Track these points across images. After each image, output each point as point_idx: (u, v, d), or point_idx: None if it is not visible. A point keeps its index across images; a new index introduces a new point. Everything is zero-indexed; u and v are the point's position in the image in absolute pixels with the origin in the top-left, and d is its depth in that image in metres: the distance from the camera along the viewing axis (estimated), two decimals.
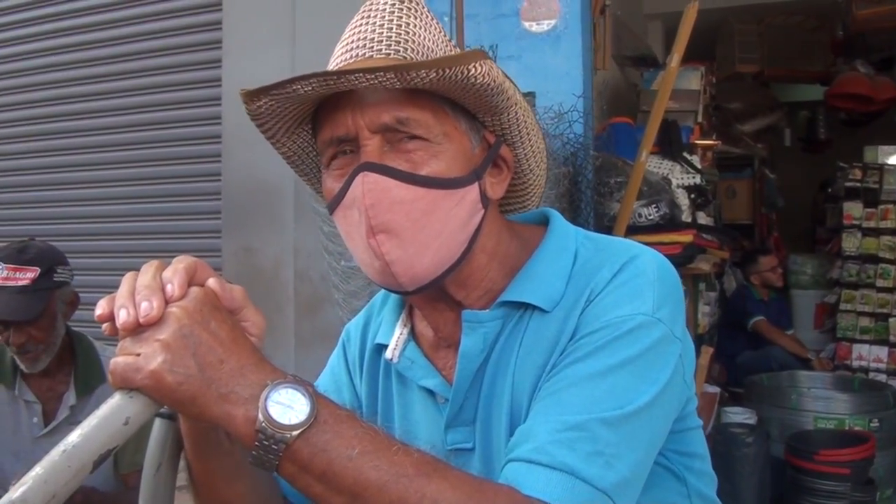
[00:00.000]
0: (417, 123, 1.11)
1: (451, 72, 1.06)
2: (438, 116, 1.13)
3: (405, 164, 1.11)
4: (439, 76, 1.06)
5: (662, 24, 6.85)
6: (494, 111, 1.18)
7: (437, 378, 1.25)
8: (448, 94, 1.13)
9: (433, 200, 1.12)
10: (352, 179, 1.11)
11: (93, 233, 5.14)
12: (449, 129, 1.15)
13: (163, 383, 0.90)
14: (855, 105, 7.81)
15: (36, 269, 2.59)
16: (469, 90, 1.11)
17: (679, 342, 1.14)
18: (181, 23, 4.90)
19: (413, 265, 1.12)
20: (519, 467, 1.02)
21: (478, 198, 1.17)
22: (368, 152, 1.11)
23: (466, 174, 1.15)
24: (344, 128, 1.12)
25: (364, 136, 1.11)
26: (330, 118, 1.14)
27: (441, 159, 1.13)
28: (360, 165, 1.10)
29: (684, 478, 1.22)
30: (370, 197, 1.09)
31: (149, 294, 0.93)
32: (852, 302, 6.70)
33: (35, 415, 2.72)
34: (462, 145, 1.16)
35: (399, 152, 1.12)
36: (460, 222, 1.15)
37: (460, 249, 1.16)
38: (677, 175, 4.20)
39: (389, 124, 1.11)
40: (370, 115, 1.10)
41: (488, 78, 1.10)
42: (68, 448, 0.86)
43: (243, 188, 4.55)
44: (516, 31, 3.72)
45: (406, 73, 1.05)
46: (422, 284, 1.15)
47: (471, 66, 1.07)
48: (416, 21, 1.16)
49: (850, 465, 4.05)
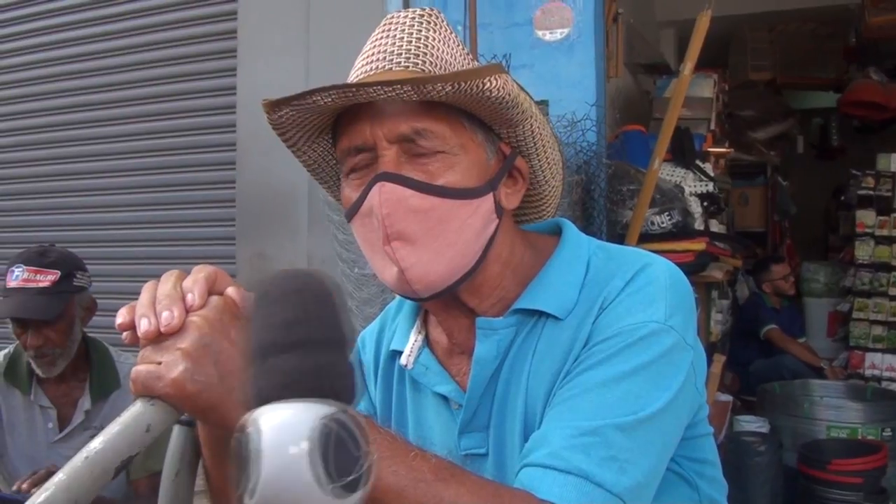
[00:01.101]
0: (434, 135, 1.13)
1: (466, 85, 1.08)
2: (455, 128, 1.15)
3: (422, 175, 1.13)
4: (455, 89, 1.08)
5: (676, 31, 6.84)
6: (509, 124, 1.20)
7: (451, 384, 1.27)
8: (464, 107, 1.15)
9: (448, 210, 1.14)
10: (369, 189, 1.13)
11: (109, 239, 5.17)
12: (465, 140, 1.17)
13: (184, 391, 0.91)
14: (868, 112, 7.78)
15: (56, 273, 2.62)
16: (484, 103, 1.13)
17: (691, 350, 1.16)
18: (197, 32, 4.93)
19: (428, 273, 1.14)
20: (534, 472, 1.03)
21: (492, 208, 1.19)
22: (386, 162, 1.13)
23: (482, 185, 1.17)
24: (362, 138, 1.14)
25: (382, 146, 1.13)
26: (349, 128, 1.16)
27: (457, 170, 1.15)
28: (377, 175, 1.12)
29: (696, 484, 1.23)
30: (387, 206, 1.11)
31: (169, 303, 0.93)
32: (865, 310, 6.66)
33: (50, 420, 2.74)
34: (477, 156, 1.18)
35: (416, 163, 1.14)
36: (475, 232, 1.17)
37: (474, 258, 1.18)
38: (690, 183, 4.20)
39: (407, 135, 1.13)
40: (388, 125, 1.13)
41: (503, 92, 1.12)
42: (90, 454, 0.87)
43: (257, 195, 4.57)
44: (529, 40, 3.74)
45: (423, 86, 1.07)
46: (436, 291, 1.17)
47: (486, 80, 1.09)
48: (435, 35, 1.18)
49: (862, 475, 4.03)
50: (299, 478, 0.64)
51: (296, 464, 0.64)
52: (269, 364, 0.70)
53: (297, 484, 0.64)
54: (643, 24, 5.53)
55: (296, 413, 0.67)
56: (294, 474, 0.65)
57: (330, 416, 0.67)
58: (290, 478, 0.65)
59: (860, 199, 6.85)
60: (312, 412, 0.67)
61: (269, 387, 0.70)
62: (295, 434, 0.65)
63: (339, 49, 4.00)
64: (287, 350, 0.70)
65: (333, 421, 0.66)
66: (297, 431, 0.66)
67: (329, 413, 0.67)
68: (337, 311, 0.74)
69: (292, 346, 0.70)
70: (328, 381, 0.70)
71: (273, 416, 0.68)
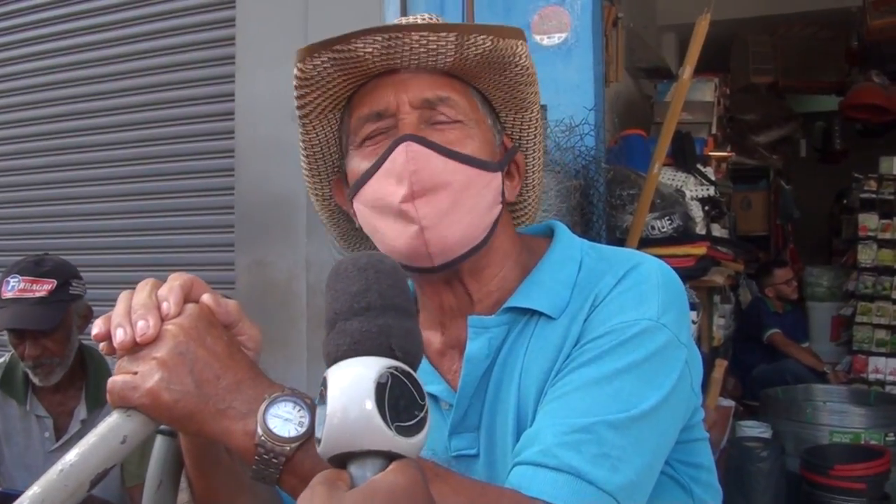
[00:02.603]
0: (456, 104, 1.18)
1: (503, 43, 1.14)
2: (472, 105, 1.21)
3: (442, 141, 1.15)
4: (493, 45, 1.13)
5: (676, 35, 6.83)
6: (521, 106, 1.25)
7: (441, 384, 1.26)
8: (485, 80, 1.20)
9: (468, 177, 1.16)
10: (393, 148, 1.14)
11: (106, 247, 5.16)
12: (479, 118, 1.22)
13: (160, 401, 0.90)
14: (870, 115, 7.77)
15: (53, 282, 2.62)
16: (510, 72, 1.18)
17: (685, 348, 1.15)
18: (194, 39, 4.92)
19: (445, 235, 1.15)
20: (525, 470, 1.02)
21: (500, 188, 1.23)
22: (407, 124, 1.16)
23: (494, 161, 1.21)
24: (385, 102, 1.17)
25: (404, 110, 1.16)
26: (370, 95, 1.19)
27: (474, 141, 1.19)
28: (402, 136, 1.14)
29: (690, 489, 1.22)
30: (414, 163, 1.13)
31: (145, 312, 0.93)
32: (868, 314, 6.65)
33: (47, 429, 2.73)
34: (488, 136, 1.23)
35: (435, 130, 1.17)
36: (487, 204, 1.20)
37: (485, 231, 1.20)
38: (691, 187, 4.18)
39: (431, 100, 1.17)
40: (413, 91, 1.16)
41: (528, 61, 1.18)
42: (65, 467, 0.86)
43: (256, 202, 4.56)
44: (527, 45, 3.72)
45: (466, 36, 1.12)
46: (447, 260, 1.17)
47: (519, 44, 1.16)
48: None
49: (865, 480, 4.02)
50: (368, 420, 0.71)
51: (364, 411, 0.72)
52: (338, 328, 0.78)
53: (365, 423, 0.71)
54: (644, 29, 5.52)
55: (362, 366, 0.74)
56: (361, 413, 0.72)
57: (390, 368, 0.74)
58: (357, 417, 0.72)
59: (863, 202, 6.85)
60: (377, 364, 0.74)
61: (337, 348, 0.78)
62: (361, 386, 0.72)
63: None
64: (353, 316, 0.78)
65: (394, 371, 0.74)
66: (363, 385, 0.72)
67: (390, 365, 0.74)
68: (398, 283, 0.81)
69: (357, 312, 0.78)
70: (392, 340, 0.76)
71: (341, 371, 0.75)
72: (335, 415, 0.72)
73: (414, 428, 0.73)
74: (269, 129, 4.09)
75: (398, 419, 0.72)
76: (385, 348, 0.76)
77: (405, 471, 0.71)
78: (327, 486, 0.71)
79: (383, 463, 0.72)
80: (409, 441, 0.73)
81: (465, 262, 1.20)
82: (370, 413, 0.71)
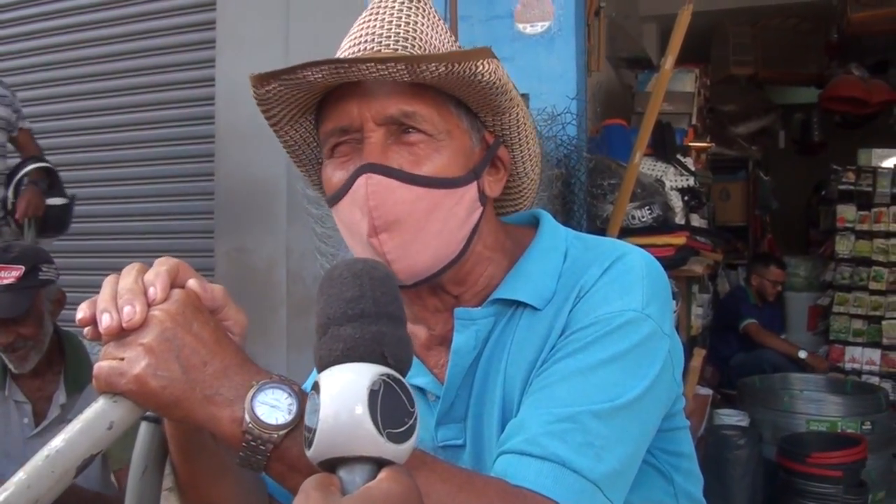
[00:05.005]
0: (422, 118, 1.13)
1: (459, 67, 1.08)
2: (442, 113, 1.15)
3: (408, 158, 1.13)
4: (448, 70, 1.08)
5: (658, 26, 6.85)
6: (497, 111, 1.20)
7: (428, 376, 1.26)
8: (453, 91, 1.15)
9: (434, 200, 1.14)
10: (354, 179, 1.12)
11: (85, 232, 5.13)
12: (451, 126, 1.17)
13: (147, 387, 0.89)
14: (849, 108, 7.82)
15: (21, 268, 2.60)
16: (475, 87, 1.13)
17: (668, 339, 1.16)
18: (175, 22, 4.89)
19: (414, 263, 1.14)
20: (510, 459, 1.03)
21: (476, 196, 1.19)
22: (372, 145, 1.12)
23: (465, 173, 1.17)
24: (349, 118, 1.13)
25: (368, 127, 1.13)
26: (335, 109, 1.15)
27: (443, 154, 1.15)
28: (363, 166, 1.12)
29: (671, 477, 1.23)
30: (374, 198, 1.11)
31: (131, 298, 0.92)
32: (845, 304, 6.70)
33: (26, 415, 2.71)
34: (462, 143, 1.18)
35: (402, 145, 1.13)
36: (459, 221, 1.17)
37: (459, 246, 1.18)
38: (671, 177, 4.20)
39: (395, 116, 1.12)
40: (376, 106, 1.12)
41: (494, 76, 1.12)
42: (52, 453, 0.86)
43: (236, 188, 4.54)
44: (510, 33, 3.72)
45: (416, 65, 1.07)
46: (419, 279, 1.17)
47: (479, 63, 1.09)
48: (424, 20, 1.18)
49: (842, 468, 4.04)
50: (359, 426, 0.72)
51: (355, 416, 0.73)
52: (331, 333, 0.79)
53: (356, 429, 0.73)
54: (626, 19, 5.53)
55: (354, 373, 0.75)
56: (353, 419, 0.73)
57: (382, 375, 0.75)
58: (348, 423, 0.73)
59: (841, 193, 6.89)
60: (369, 371, 0.75)
61: (330, 353, 0.78)
62: (353, 392, 0.73)
63: (320, 40, 3.98)
64: (347, 322, 0.78)
65: (386, 379, 0.75)
66: (355, 391, 0.73)
67: (382, 372, 0.75)
68: (391, 291, 0.82)
69: (351, 319, 0.78)
70: (384, 348, 0.77)
71: (333, 377, 0.76)
72: (327, 420, 0.73)
73: (404, 434, 0.74)
74: (250, 115, 4.06)
75: (389, 426, 0.73)
76: (377, 355, 0.77)
77: (399, 479, 0.72)
78: (322, 492, 0.71)
79: (373, 469, 0.74)
80: (399, 448, 0.74)
81: (442, 276, 1.19)
82: (362, 419, 0.72)
